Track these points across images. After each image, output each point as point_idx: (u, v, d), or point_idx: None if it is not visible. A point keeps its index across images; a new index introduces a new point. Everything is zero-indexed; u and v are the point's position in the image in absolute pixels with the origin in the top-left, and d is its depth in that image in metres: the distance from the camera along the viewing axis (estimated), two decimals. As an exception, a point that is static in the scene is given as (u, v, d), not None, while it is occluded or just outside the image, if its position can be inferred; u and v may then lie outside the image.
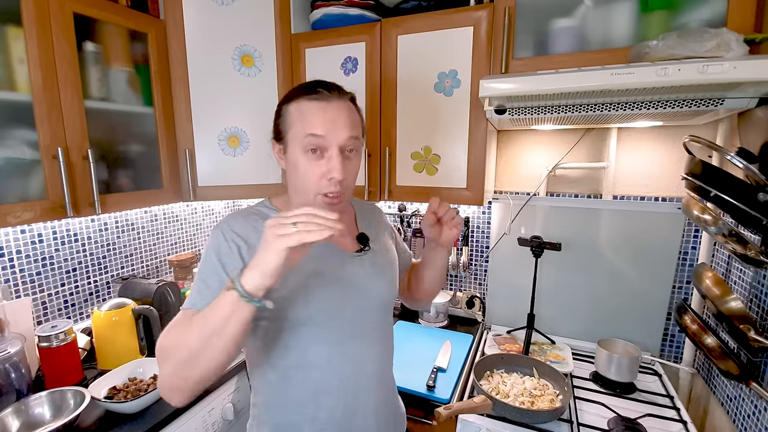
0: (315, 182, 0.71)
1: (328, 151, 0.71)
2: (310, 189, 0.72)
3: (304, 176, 0.71)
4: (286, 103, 0.75)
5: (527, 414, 1.02)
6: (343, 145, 0.71)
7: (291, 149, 0.73)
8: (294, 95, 0.74)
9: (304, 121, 0.71)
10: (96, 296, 1.45)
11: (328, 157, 0.70)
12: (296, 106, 0.73)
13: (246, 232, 0.73)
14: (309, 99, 0.72)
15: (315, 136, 0.70)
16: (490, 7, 1.18)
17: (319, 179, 0.71)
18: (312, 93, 0.72)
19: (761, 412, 0.93)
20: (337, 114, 0.71)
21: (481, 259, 1.66)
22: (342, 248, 0.80)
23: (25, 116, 1.00)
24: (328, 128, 0.70)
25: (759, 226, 0.81)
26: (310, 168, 0.71)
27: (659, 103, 0.99)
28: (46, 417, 1.00)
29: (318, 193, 0.72)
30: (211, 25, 1.38)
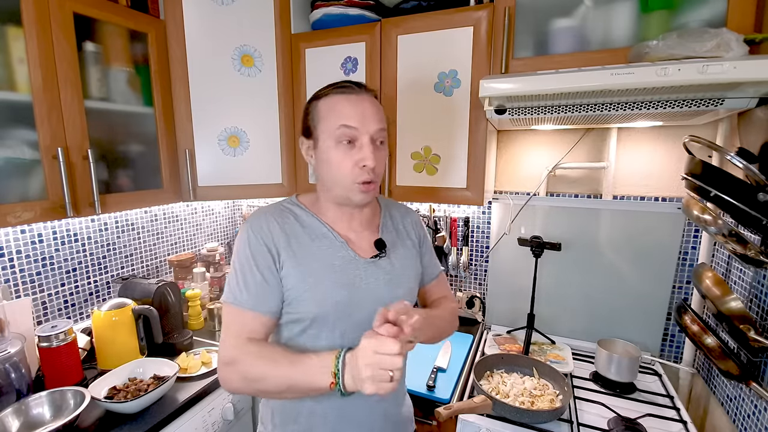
0: (350, 171, 0.74)
1: (359, 140, 0.74)
2: (346, 179, 0.75)
3: (338, 167, 0.74)
4: (315, 100, 0.78)
5: (527, 414, 1.02)
6: (374, 136, 0.75)
7: (322, 142, 0.76)
8: (323, 92, 0.78)
9: (336, 113, 0.74)
10: (96, 296, 1.45)
11: (359, 146, 0.74)
12: (326, 101, 0.76)
13: (273, 230, 0.76)
14: (339, 93, 0.76)
15: (348, 127, 0.73)
16: (490, 7, 1.18)
17: (353, 168, 0.74)
18: (341, 87, 0.76)
19: (761, 412, 0.93)
20: (367, 106, 0.75)
21: (481, 259, 1.66)
22: (357, 252, 0.80)
23: (25, 116, 1.00)
24: (359, 120, 0.73)
25: (759, 226, 0.81)
26: (344, 158, 0.74)
27: (659, 103, 0.99)
28: (46, 417, 1.00)
29: (354, 182, 0.75)
30: (211, 25, 1.38)
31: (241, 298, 0.73)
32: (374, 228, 0.86)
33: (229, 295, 0.74)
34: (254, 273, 0.73)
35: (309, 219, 0.80)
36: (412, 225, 0.94)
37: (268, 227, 0.76)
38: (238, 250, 0.76)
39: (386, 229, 0.88)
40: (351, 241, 0.81)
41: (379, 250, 0.83)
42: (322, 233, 0.80)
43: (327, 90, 0.77)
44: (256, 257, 0.74)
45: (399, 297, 0.82)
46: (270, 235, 0.75)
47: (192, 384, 1.17)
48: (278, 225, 0.77)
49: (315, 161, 0.79)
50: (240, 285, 0.73)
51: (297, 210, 0.81)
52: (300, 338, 0.78)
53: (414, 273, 0.89)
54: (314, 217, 0.81)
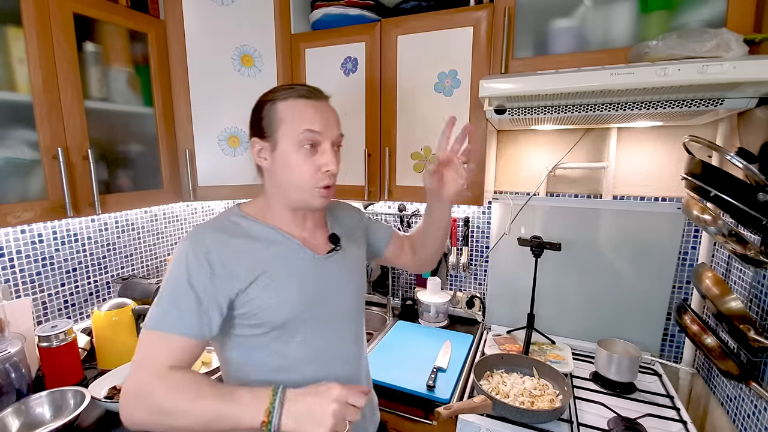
0: (312, 176, 0.75)
1: (321, 145, 0.75)
2: (307, 183, 0.75)
3: (300, 171, 0.74)
4: (270, 103, 0.76)
5: (527, 414, 1.02)
6: (334, 141, 0.77)
7: (282, 146, 0.75)
8: (281, 95, 0.76)
9: (300, 118, 0.74)
10: (96, 296, 1.45)
11: (322, 151, 0.75)
12: (288, 104, 0.75)
13: (217, 246, 0.71)
14: (302, 98, 0.75)
15: (312, 132, 0.74)
16: (490, 7, 1.18)
17: (315, 173, 0.75)
18: (301, 92, 0.75)
19: (761, 412, 0.93)
20: (329, 113, 0.78)
21: (481, 259, 1.66)
22: (314, 251, 0.81)
23: (25, 116, 1.00)
24: (323, 125, 0.75)
25: (759, 226, 0.81)
26: (305, 163, 0.74)
27: (659, 103, 0.99)
28: (46, 417, 1.00)
29: (315, 186, 0.76)
30: (211, 25, 1.38)
31: (168, 322, 0.66)
32: (323, 225, 0.89)
33: (151, 321, 0.67)
34: (188, 294, 0.67)
35: (259, 228, 0.78)
36: (348, 212, 0.99)
37: (212, 243, 0.71)
38: (172, 270, 0.69)
39: (334, 224, 0.91)
40: (306, 240, 0.81)
41: (334, 245, 0.85)
42: (276, 240, 0.78)
43: (285, 93, 0.75)
44: (192, 277, 0.68)
45: (356, 288, 0.88)
46: (213, 252, 0.70)
47: (192, 384, 1.17)
48: (225, 240, 0.73)
49: (271, 164, 0.77)
50: (167, 308, 0.67)
51: (243, 222, 0.78)
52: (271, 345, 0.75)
53: (363, 260, 0.95)
54: (264, 225, 0.79)
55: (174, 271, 0.69)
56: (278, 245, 0.78)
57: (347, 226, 0.95)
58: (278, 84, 1.46)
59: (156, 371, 0.63)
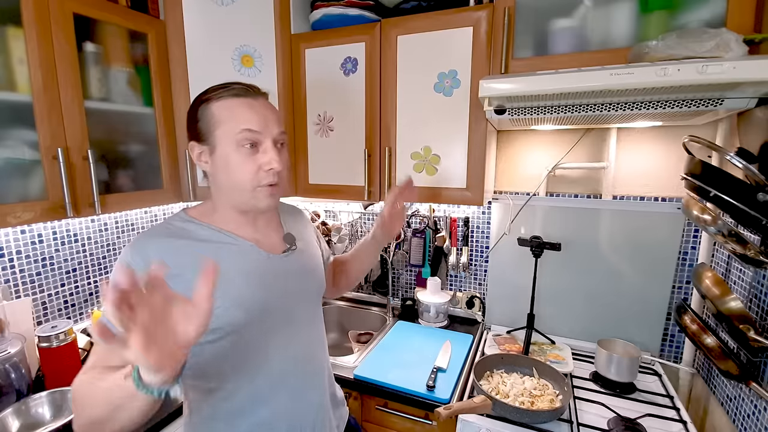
0: (253, 176, 0.73)
1: (262, 144, 0.73)
2: (248, 183, 0.73)
3: (241, 171, 0.72)
4: (204, 104, 0.74)
5: (527, 414, 1.02)
6: (276, 139, 0.75)
7: (221, 147, 0.72)
8: (214, 95, 0.74)
9: (235, 118, 0.72)
10: (96, 296, 1.45)
11: (263, 150, 0.73)
12: (222, 104, 0.73)
13: (161, 252, 0.70)
14: (235, 97, 0.73)
15: (251, 131, 0.72)
16: (489, 7, 1.18)
17: (257, 172, 0.73)
18: (236, 91, 0.73)
19: (761, 412, 0.93)
20: (267, 110, 0.75)
21: (481, 259, 1.66)
22: (268, 250, 0.80)
23: (25, 116, 1.00)
24: (261, 124, 0.73)
25: (758, 226, 0.81)
26: (245, 163, 0.72)
27: (659, 103, 0.99)
28: (46, 417, 1.00)
29: (257, 185, 0.73)
30: (211, 25, 1.38)
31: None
32: (277, 225, 0.88)
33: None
34: None
35: (206, 231, 0.76)
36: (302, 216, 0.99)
37: (155, 249, 0.70)
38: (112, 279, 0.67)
39: (289, 225, 0.90)
40: (259, 241, 0.80)
41: (289, 244, 0.84)
42: (226, 242, 0.76)
43: (218, 93, 0.73)
44: None
45: (315, 287, 0.88)
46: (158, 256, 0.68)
47: (192, 384, 1.17)
48: (170, 243, 0.71)
49: (212, 167, 0.75)
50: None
51: (190, 226, 0.76)
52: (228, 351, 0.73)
53: (320, 257, 0.95)
54: (212, 229, 0.76)
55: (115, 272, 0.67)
56: (229, 247, 0.76)
57: (302, 227, 0.94)
58: (278, 84, 1.47)
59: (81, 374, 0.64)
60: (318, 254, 0.95)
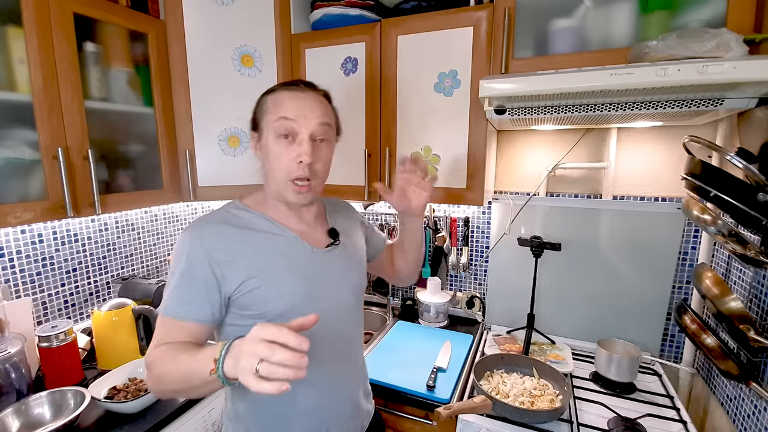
0: (286, 166, 0.75)
1: (299, 135, 0.74)
2: (282, 174, 0.75)
3: (277, 160, 0.75)
4: (263, 96, 0.80)
5: (527, 414, 1.02)
6: (314, 132, 0.75)
7: (265, 135, 0.77)
8: (273, 88, 0.80)
9: (277, 106, 0.75)
10: (96, 296, 1.45)
11: (299, 141, 0.74)
12: (273, 96, 0.78)
13: (217, 237, 0.73)
14: (285, 89, 0.78)
15: (287, 119, 0.73)
16: (490, 7, 1.18)
17: (289, 163, 0.74)
18: (289, 85, 0.79)
19: (761, 412, 0.93)
20: (310, 102, 0.76)
21: (481, 259, 1.66)
22: (313, 244, 0.82)
23: (25, 116, 1.00)
24: (299, 113, 0.74)
25: (759, 226, 0.81)
26: (281, 152, 0.74)
27: (659, 104, 0.99)
28: (46, 417, 1.00)
29: (288, 179, 0.75)
30: (211, 25, 1.38)
31: (174, 309, 0.71)
32: (323, 220, 0.90)
33: (161, 307, 0.72)
34: (190, 283, 0.70)
35: (258, 220, 0.79)
36: (349, 211, 1.00)
37: (212, 234, 0.73)
38: (174, 260, 0.73)
39: (335, 220, 0.92)
40: (304, 233, 0.82)
41: (333, 239, 0.86)
42: (275, 232, 0.79)
43: (275, 87, 0.80)
44: (193, 266, 0.71)
45: (355, 282, 0.89)
46: (213, 242, 0.72)
47: (192, 384, 1.17)
48: (224, 231, 0.75)
49: (261, 156, 0.80)
50: (173, 296, 0.71)
51: (244, 214, 0.80)
52: None
53: (364, 253, 0.96)
54: (263, 217, 0.80)
55: (175, 261, 0.72)
56: (277, 237, 0.79)
57: (348, 223, 0.95)
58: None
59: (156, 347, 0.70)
60: (362, 250, 0.95)
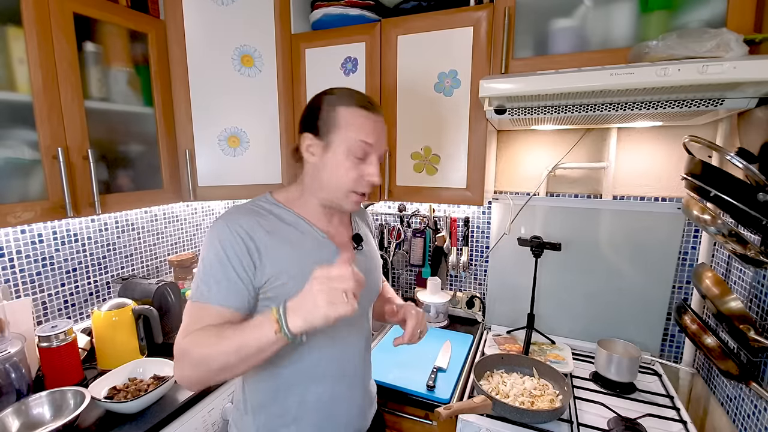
0: (353, 182, 0.79)
1: (370, 157, 0.80)
2: (346, 187, 0.80)
3: (345, 174, 0.79)
4: (333, 105, 0.79)
5: (527, 414, 1.02)
6: (381, 155, 0.82)
7: (334, 148, 0.78)
8: (344, 100, 0.79)
9: (359, 128, 0.78)
10: (96, 296, 1.45)
11: (370, 162, 0.80)
12: (349, 111, 0.78)
13: (251, 227, 0.75)
14: (362, 108, 0.79)
15: (366, 144, 0.78)
16: (490, 7, 1.18)
17: (358, 180, 0.80)
18: (364, 103, 0.80)
19: (761, 412, 0.93)
20: (382, 127, 0.82)
21: (481, 259, 1.66)
22: (339, 247, 0.85)
23: (25, 116, 1.00)
24: (376, 139, 0.80)
25: (759, 226, 0.81)
26: (351, 169, 0.79)
27: (659, 103, 0.99)
28: (46, 417, 1.00)
29: (352, 190, 0.80)
30: (211, 25, 1.38)
31: (208, 295, 0.71)
32: (347, 225, 0.93)
33: (193, 295, 0.72)
34: (226, 269, 0.71)
35: (289, 216, 0.81)
36: (368, 218, 1.05)
37: (246, 224, 0.75)
38: (208, 247, 0.73)
39: (357, 226, 0.95)
40: (331, 235, 0.85)
41: (357, 244, 0.90)
42: (305, 230, 0.81)
43: (348, 100, 0.79)
44: (228, 252, 0.72)
45: (373, 288, 0.93)
46: (248, 232, 0.74)
47: (192, 384, 1.17)
48: (257, 222, 0.76)
49: (318, 161, 0.80)
50: (208, 282, 0.71)
51: (276, 209, 0.82)
52: None
53: (380, 264, 1.00)
54: (295, 215, 0.82)
55: (209, 247, 0.73)
56: (306, 236, 0.81)
57: (367, 230, 1.00)
58: (278, 84, 1.47)
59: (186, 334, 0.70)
60: (378, 256, 0.99)
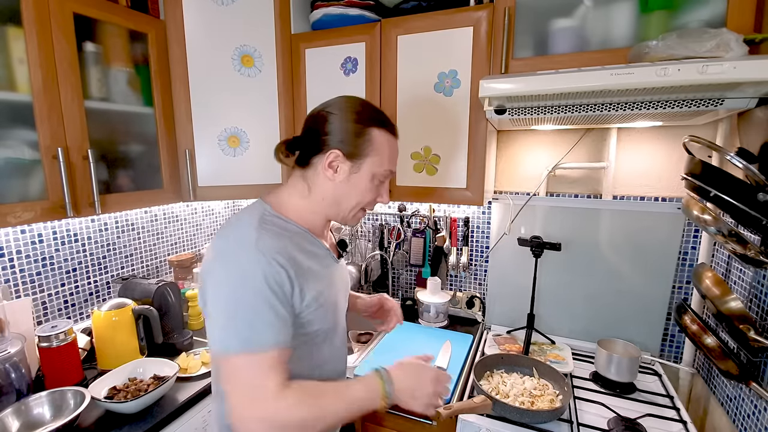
0: (366, 200, 0.82)
1: (387, 181, 0.84)
2: (357, 204, 0.82)
3: (363, 195, 0.81)
4: (371, 126, 0.78)
5: (527, 414, 1.02)
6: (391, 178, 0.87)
7: (364, 172, 0.78)
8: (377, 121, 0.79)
9: (389, 158, 0.81)
10: (96, 296, 1.45)
11: (385, 186, 0.84)
12: (381, 135, 0.79)
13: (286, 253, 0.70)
14: (391, 134, 0.81)
15: (391, 173, 0.83)
16: (490, 7, 1.18)
17: (371, 199, 0.83)
18: (393, 129, 0.82)
19: (761, 412, 0.93)
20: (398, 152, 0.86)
21: (481, 259, 1.66)
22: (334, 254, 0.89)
23: (25, 116, 1.00)
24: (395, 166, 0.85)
25: (759, 226, 0.81)
26: (371, 191, 0.81)
27: (659, 103, 0.99)
28: (46, 417, 1.00)
29: (362, 208, 0.84)
30: (211, 25, 1.38)
31: (264, 339, 0.65)
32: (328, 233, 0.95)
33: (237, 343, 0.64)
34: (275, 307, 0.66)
35: (307, 236, 0.78)
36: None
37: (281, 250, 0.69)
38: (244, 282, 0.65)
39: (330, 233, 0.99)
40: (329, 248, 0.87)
41: (343, 250, 0.94)
42: (314, 243, 0.79)
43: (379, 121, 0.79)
44: (273, 288, 0.66)
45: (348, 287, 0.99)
46: (285, 259, 0.68)
47: (192, 384, 1.17)
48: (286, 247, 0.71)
49: (342, 179, 0.77)
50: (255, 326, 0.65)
51: (290, 226, 0.77)
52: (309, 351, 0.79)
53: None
54: (310, 234, 0.79)
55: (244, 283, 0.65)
56: (318, 252, 0.80)
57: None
58: (278, 84, 1.47)
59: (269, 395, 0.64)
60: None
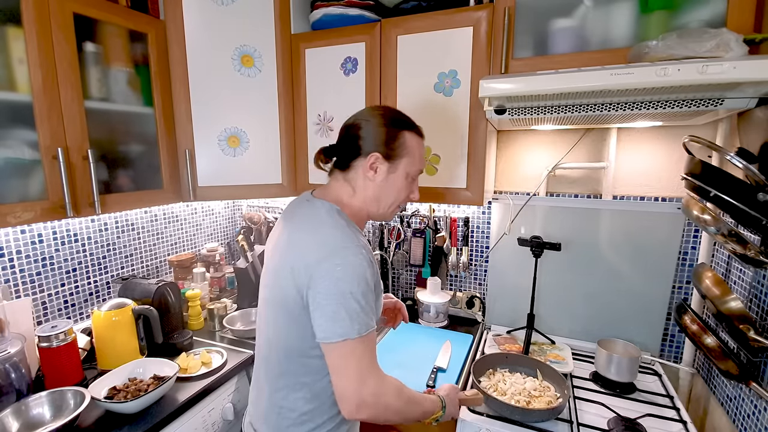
0: (402, 197, 0.93)
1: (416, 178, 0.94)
2: (394, 201, 0.92)
3: (398, 194, 0.91)
4: (403, 130, 0.89)
5: (522, 412, 1.02)
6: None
7: (400, 172, 0.89)
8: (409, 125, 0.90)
9: (418, 156, 0.91)
10: (96, 296, 1.45)
11: (415, 183, 0.95)
12: (413, 138, 0.90)
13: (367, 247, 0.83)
14: (419, 136, 0.92)
15: (421, 171, 0.94)
16: (489, 7, 1.18)
17: (406, 196, 0.93)
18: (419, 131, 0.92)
19: (761, 412, 0.93)
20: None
21: (481, 259, 1.66)
22: None
23: (25, 116, 1.00)
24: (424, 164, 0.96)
25: (759, 226, 0.81)
26: (405, 189, 0.92)
27: (659, 103, 0.99)
28: (46, 417, 1.00)
29: (398, 205, 0.93)
30: (211, 26, 1.38)
31: (370, 322, 0.78)
32: None
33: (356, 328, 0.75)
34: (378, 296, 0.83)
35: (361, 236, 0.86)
36: None
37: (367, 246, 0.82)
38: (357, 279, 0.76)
39: None
40: None
41: None
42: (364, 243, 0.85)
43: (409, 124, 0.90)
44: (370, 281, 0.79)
45: None
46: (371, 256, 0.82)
47: (192, 384, 1.17)
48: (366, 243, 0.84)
49: (381, 180, 0.88)
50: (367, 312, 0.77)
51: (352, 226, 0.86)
52: None
53: None
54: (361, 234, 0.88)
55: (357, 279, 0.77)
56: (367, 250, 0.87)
57: None
58: (278, 84, 1.47)
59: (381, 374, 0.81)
60: None
